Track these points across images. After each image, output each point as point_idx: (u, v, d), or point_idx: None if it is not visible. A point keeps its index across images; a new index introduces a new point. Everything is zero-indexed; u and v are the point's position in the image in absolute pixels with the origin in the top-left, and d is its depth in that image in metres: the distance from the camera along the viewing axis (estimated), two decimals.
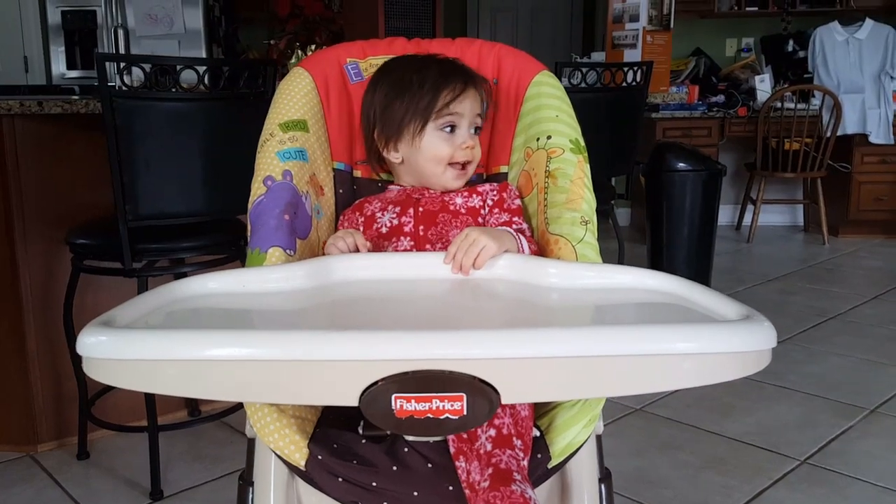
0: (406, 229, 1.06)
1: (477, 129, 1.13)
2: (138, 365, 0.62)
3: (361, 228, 1.09)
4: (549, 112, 1.13)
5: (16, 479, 1.93)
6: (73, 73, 4.75)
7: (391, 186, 1.17)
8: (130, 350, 0.62)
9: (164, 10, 4.62)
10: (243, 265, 1.98)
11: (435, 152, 1.10)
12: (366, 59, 1.19)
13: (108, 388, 2.09)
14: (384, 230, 1.07)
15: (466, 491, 0.79)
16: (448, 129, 1.10)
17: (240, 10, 5.23)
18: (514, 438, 0.82)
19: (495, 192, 1.11)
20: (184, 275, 2.13)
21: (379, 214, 1.09)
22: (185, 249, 1.86)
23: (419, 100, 1.10)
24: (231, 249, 1.95)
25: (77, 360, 1.97)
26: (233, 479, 1.89)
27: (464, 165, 1.12)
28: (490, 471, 0.78)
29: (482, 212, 1.09)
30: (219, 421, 2.16)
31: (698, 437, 2.11)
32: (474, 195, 1.11)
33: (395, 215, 1.08)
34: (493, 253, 0.92)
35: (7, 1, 4.75)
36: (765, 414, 2.25)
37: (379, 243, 1.06)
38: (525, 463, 0.82)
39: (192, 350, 0.60)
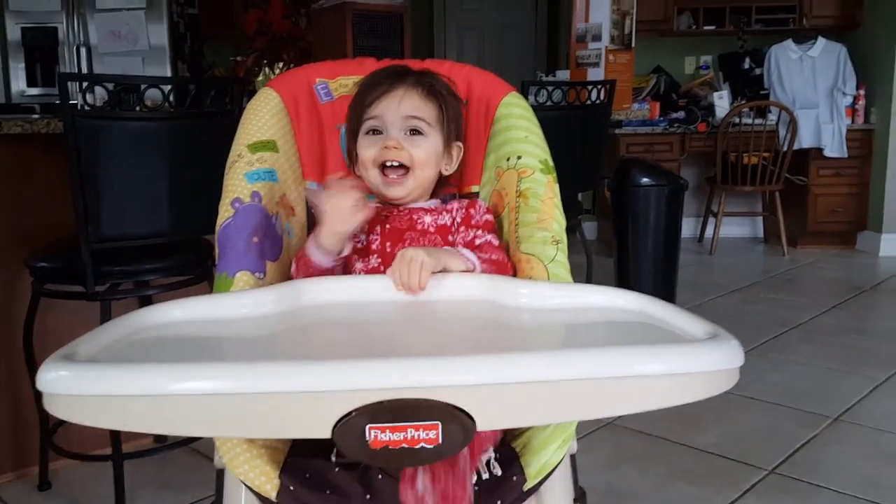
0: (373, 246, 1.06)
1: (414, 130, 1.08)
2: (101, 401, 0.60)
3: None
4: (518, 133, 1.13)
5: None
6: (34, 91, 4.66)
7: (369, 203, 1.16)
8: (92, 385, 0.60)
9: (128, 26, 4.56)
10: (210, 287, 1.96)
11: (363, 156, 1.09)
12: (335, 79, 1.19)
13: None
14: (359, 245, 1.06)
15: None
16: (373, 132, 1.09)
17: (206, 27, 5.19)
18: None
19: (462, 209, 1.10)
20: (148, 298, 2.10)
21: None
22: (150, 271, 1.82)
23: (351, 110, 1.12)
24: (197, 271, 1.92)
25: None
26: None
27: (401, 171, 1.07)
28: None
29: (452, 229, 1.08)
30: (186, 447, 2.12)
31: (667, 449, 2.13)
32: (444, 213, 1.10)
33: (363, 232, 1.07)
34: (432, 268, 0.91)
35: None
36: (732, 424, 2.28)
37: (350, 259, 1.05)
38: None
39: (158, 384, 0.58)
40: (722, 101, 4.83)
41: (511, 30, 6.26)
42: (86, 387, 0.59)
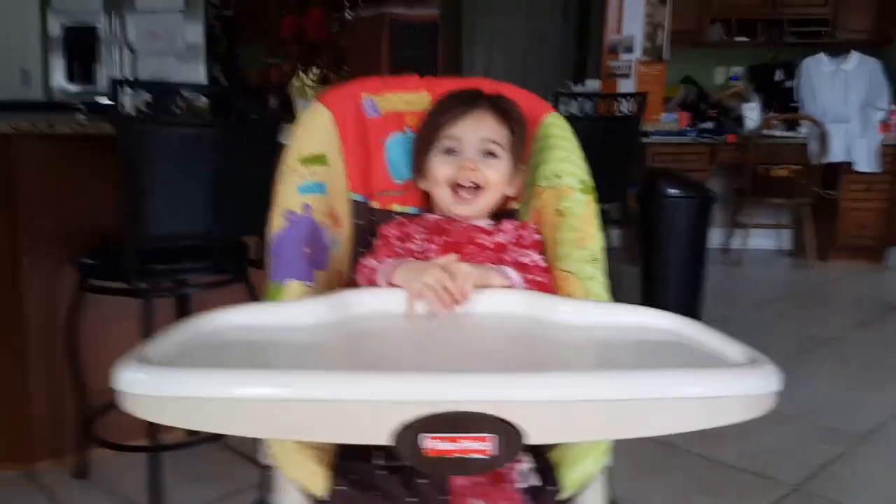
0: (431, 256, 1.09)
1: (489, 153, 1.14)
2: (178, 402, 0.65)
3: (404, 241, 1.13)
4: (558, 152, 1.17)
5: (13, 496, 1.93)
6: (73, 88, 4.78)
7: (426, 214, 1.20)
8: (171, 388, 0.65)
9: (166, 27, 4.65)
10: (246, 286, 2.02)
11: (436, 174, 1.13)
12: (382, 95, 1.23)
13: (107, 408, 2.10)
14: (417, 252, 1.11)
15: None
16: (448, 152, 1.13)
17: (240, 29, 5.28)
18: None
19: (515, 230, 1.14)
20: (187, 296, 2.16)
21: (415, 235, 1.13)
22: (190, 270, 1.88)
23: (426, 128, 1.16)
24: (235, 271, 1.98)
25: (78, 377, 1.98)
26: (234, 501, 1.92)
27: (473, 190, 1.12)
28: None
29: (506, 247, 1.12)
30: (218, 443, 2.17)
31: (689, 462, 2.15)
32: (500, 232, 1.13)
33: (423, 240, 1.12)
34: (476, 277, 0.95)
35: (9, 15, 4.78)
36: (755, 439, 2.29)
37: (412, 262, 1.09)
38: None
39: (234, 389, 0.63)
40: (752, 113, 4.82)
41: (540, 38, 6.28)
42: (165, 389, 0.64)
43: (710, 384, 0.66)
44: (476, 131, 1.13)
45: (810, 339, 3.26)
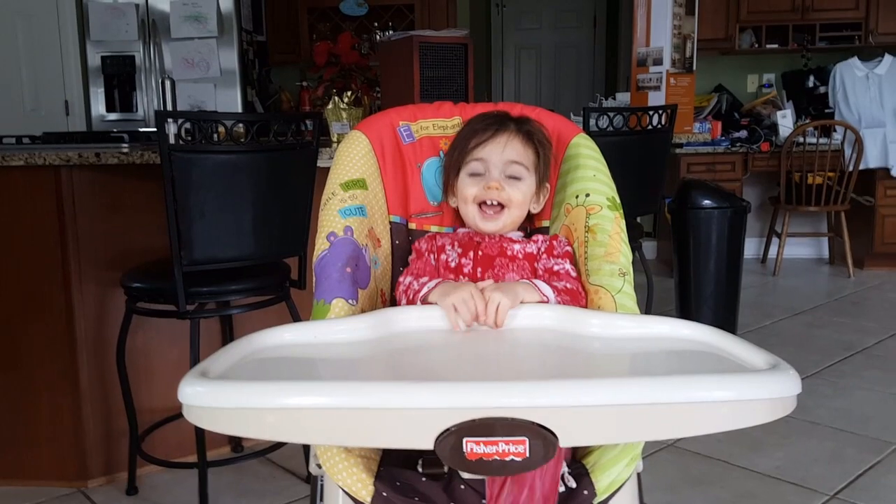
0: (465, 270, 1.16)
1: (513, 176, 1.20)
2: (236, 413, 0.70)
3: (436, 254, 1.20)
4: (587, 172, 1.22)
5: None
6: (113, 116, 4.95)
7: (459, 229, 1.28)
8: (229, 399, 0.70)
9: (200, 54, 4.81)
10: (288, 306, 2.09)
11: (464, 193, 1.21)
12: (416, 122, 1.31)
13: (157, 425, 2.18)
14: (452, 264, 1.18)
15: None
16: (475, 173, 1.20)
17: (273, 53, 5.43)
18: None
19: (546, 241, 1.20)
20: (230, 317, 2.24)
21: (448, 248, 1.20)
22: (234, 292, 1.95)
23: (455, 150, 1.23)
24: (276, 292, 2.05)
25: (128, 397, 2.06)
26: None
27: (498, 208, 1.19)
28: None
29: (537, 257, 1.18)
30: (262, 457, 2.24)
31: (729, 473, 2.15)
32: (531, 243, 1.20)
33: (457, 255, 1.18)
34: (508, 307, 1.01)
35: (50, 48, 4.98)
36: (793, 449, 2.29)
37: (445, 276, 1.16)
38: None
39: (287, 399, 0.68)
40: (785, 120, 4.79)
41: (569, 50, 6.33)
42: (224, 401, 0.70)
43: (735, 388, 0.70)
44: (501, 153, 1.20)
45: (848, 348, 3.23)
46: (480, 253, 1.18)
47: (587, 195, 1.19)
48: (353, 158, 1.21)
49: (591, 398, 0.68)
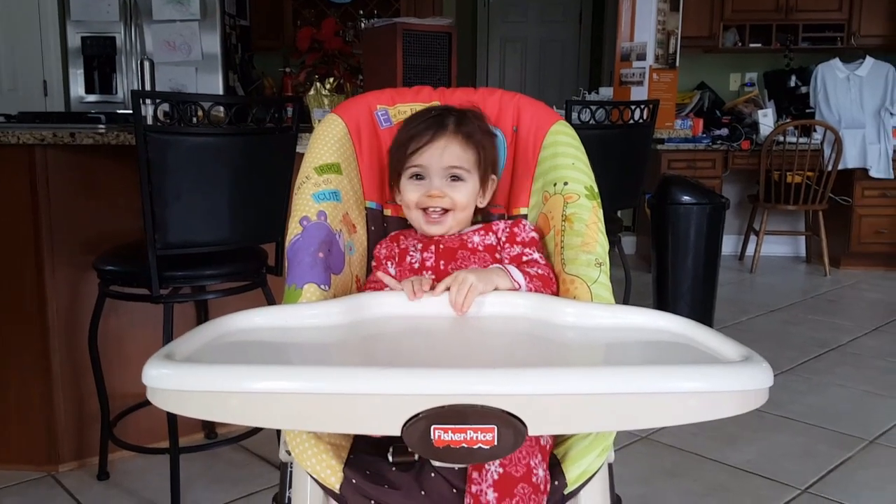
0: (428, 264, 1.15)
1: (455, 178, 1.17)
2: (201, 396, 0.69)
3: (397, 258, 1.18)
4: (565, 160, 1.21)
5: (38, 498, 1.98)
6: (92, 98, 4.87)
7: None
8: (194, 383, 0.69)
9: (182, 37, 4.74)
10: (264, 292, 2.06)
11: (406, 199, 1.19)
12: (395, 106, 1.28)
13: (129, 410, 2.15)
14: (416, 265, 1.16)
15: (469, 499, 0.88)
16: (416, 177, 1.18)
17: (256, 38, 5.37)
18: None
19: (507, 228, 1.19)
20: (205, 302, 2.21)
21: (412, 250, 1.18)
22: (209, 277, 1.92)
23: (396, 152, 1.20)
24: (253, 277, 2.02)
25: (100, 381, 2.04)
26: (250, 501, 1.96)
27: (441, 212, 1.17)
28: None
29: (497, 247, 1.17)
30: (235, 444, 2.22)
31: (702, 466, 2.16)
32: (489, 233, 1.19)
33: (419, 251, 1.16)
34: (480, 291, 1.00)
35: (29, 28, 4.88)
36: (766, 443, 2.31)
37: (409, 276, 1.14)
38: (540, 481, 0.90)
39: (253, 383, 0.67)
40: (766, 119, 4.82)
41: (554, 44, 6.32)
42: (189, 384, 0.68)
43: (706, 379, 0.69)
44: (440, 159, 1.16)
45: (823, 345, 3.27)
46: (442, 246, 1.17)
47: (565, 183, 1.18)
48: (328, 142, 1.19)
49: (561, 387, 0.67)
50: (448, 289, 1.01)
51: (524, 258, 1.14)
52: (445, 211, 1.17)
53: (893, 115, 4.69)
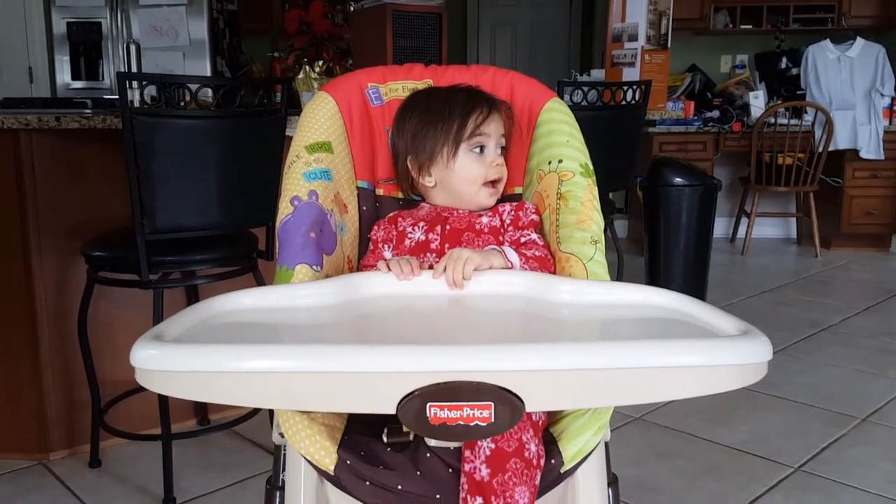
0: (432, 245, 1.13)
1: (503, 148, 1.21)
2: (191, 377, 0.67)
3: (395, 241, 1.16)
4: (560, 137, 1.19)
5: (29, 487, 1.97)
6: (78, 84, 4.81)
7: (423, 203, 1.23)
8: (183, 363, 0.67)
9: (169, 21, 4.68)
10: (255, 277, 2.05)
11: (469, 173, 1.18)
12: (386, 84, 1.26)
13: (121, 397, 2.14)
14: (413, 245, 1.14)
15: (463, 478, 0.87)
16: (478, 149, 1.18)
17: (244, 22, 5.31)
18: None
19: (511, 211, 1.18)
20: (195, 288, 2.19)
21: (410, 230, 1.16)
22: (199, 262, 1.90)
23: (450, 125, 1.18)
24: (243, 262, 2.00)
25: (91, 368, 2.02)
26: (244, 487, 1.95)
27: (494, 183, 1.19)
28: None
29: (501, 230, 1.15)
30: (228, 430, 2.21)
31: (695, 445, 2.17)
32: (496, 215, 1.18)
33: (423, 232, 1.14)
34: (477, 263, 1.00)
35: (13, 13, 4.81)
36: (759, 423, 2.32)
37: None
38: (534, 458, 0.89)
39: (243, 362, 0.65)
40: (757, 101, 4.82)
41: (545, 27, 6.28)
42: (178, 364, 0.67)
43: (705, 353, 0.68)
44: (497, 130, 1.20)
45: (814, 325, 3.28)
46: (448, 227, 1.15)
47: (560, 161, 1.17)
48: (318, 120, 1.17)
49: (558, 362, 0.66)
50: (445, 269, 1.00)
51: (523, 239, 1.13)
52: (498, 181, 1.20)
53: (884, 96, 4.69)
